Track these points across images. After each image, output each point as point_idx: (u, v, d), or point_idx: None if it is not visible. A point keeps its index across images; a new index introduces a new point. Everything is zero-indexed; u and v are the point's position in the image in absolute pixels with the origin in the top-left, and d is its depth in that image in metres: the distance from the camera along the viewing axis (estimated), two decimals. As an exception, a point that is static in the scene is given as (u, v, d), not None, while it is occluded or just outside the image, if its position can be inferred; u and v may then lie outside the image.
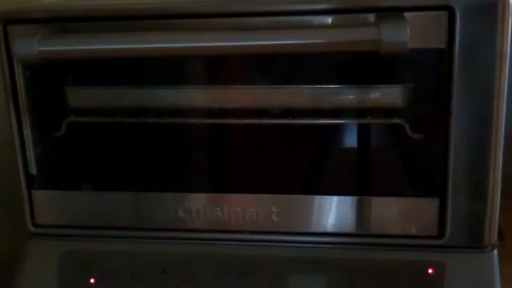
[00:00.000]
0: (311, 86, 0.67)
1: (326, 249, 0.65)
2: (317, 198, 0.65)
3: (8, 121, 0.67)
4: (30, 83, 0.66)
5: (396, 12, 0.56)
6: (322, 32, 0.57)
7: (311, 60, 0.68)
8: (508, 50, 0.57)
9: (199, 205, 0.67)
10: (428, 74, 0.62)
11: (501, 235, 0.63)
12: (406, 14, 0.56)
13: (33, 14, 0.64)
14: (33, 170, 0.69)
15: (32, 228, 0.70)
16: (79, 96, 0.71)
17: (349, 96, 0.67)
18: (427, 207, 0.63)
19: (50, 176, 0.70)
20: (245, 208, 0.66)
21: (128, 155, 0.76)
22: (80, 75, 0.73)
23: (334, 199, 0.65)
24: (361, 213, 0.65)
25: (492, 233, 0.62)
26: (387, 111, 0.65)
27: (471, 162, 0.60)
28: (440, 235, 0.63)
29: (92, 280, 0.67)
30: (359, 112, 0.67)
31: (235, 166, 0.74)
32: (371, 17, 0.57)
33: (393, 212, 0.64)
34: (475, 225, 0.62)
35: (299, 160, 0.74)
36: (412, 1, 0.58)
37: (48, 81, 0.70)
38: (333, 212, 0.65)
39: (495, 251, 0.63)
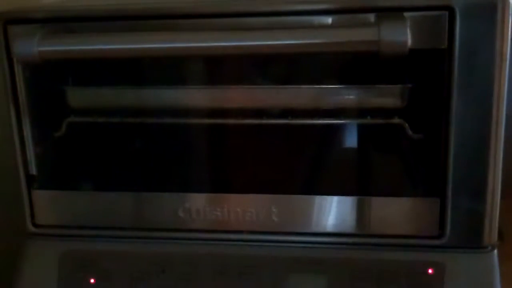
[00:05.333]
0: (311, 86, 0.67)
1: (326, 249, 0.65)
2: (317, 198, 0.65)
3: (8, 121, 0.67)
4: (30, 83, 0.66)
5: (396, 12, 0.56)
6: (322, 32, 0.57)
7: (311, 60, 0.68)
8: (508, 50, 0.57)
9: (199, 205, 0.67)
10: (428, 74, 0.62)
11: (501, 235, 0.63)
12: (406, 14, 0.56)
13: (33, 14, 0.64)
14: (33, 170, 0.69)
15: (32, 228, 0.70)
16: (79, 96, 0.71)
17: (349, 96, 0.67)
18: (427, 207, 0.63)
19: (50, 176, 0.70)
20: (245, 208, 0.66)
21: (128, 155, 0.76)
22: (80, 75, 0.73)
23: (334, 199, 0.65)
24: (361, 213, 0.65)
25: (492, 233, 0.62)
26: (387, 111, 0.65)
27: (471, 162, 0.60)
28: (440, 235, 0.63)
29: (92, 280, 0.67)
30: (359, 112, 0.67)
31: (235, 166, 0.74)
32: (371, 17, 0.57)
33: (393, 212, 0.64)
34: (475, 225, 0.62)
35: (299, 160, 0.74)
36: (412, 1, 0.58)
37: (48, 81, 0.70)
38: (333, 212, 0.65)
39: (495, 251, 0.63)
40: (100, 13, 0.63)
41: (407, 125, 0.64)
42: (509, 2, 0.56)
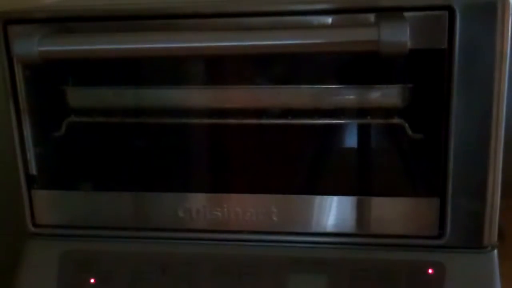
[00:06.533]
0: (311, 86, 0.67)
1: (326, 249, 0.65)
2: (317, 198, 0.65)
3: (8, 121, 0.67)
4: (30, 83, 0.66)
5: (396, 12, 0.56)
6: (322, 32, 0.57)
7: (311, 60, 0.68)
8: (508, 50, 0.57)
9: (199, 205, 0.67)
10: (428, 74, 0.62)
11: (501, 235, 0.63)
12: (406, 14, 0.56)
13: (33, 14, 0.64)
14: (33, 170, 0.69)
15: (32, 228, 0.70)
16: (79, 96, 0.71)
17: (349, 96, 0.67)
18: (427, 207, 0.63)
19: (50, 176, 0.70)
20: (245, 208, 0.66)
21: (128, 155, 0.76)
22: (80, 75, 0.73)
23: (334, 199, 0.65)
24: (361, 213, 0.65)
25: (492, 233, 0.62)
26: (387, 111, 0.65)
27: (471, 162, 0.60)
28: (440, 235, 0.63)
29: (92, 280, 0.67)
30: (359, 112, 0.67)
31: (235, 166, 0.74)
32: (371, 17, 0.57)
33: (393, 212, 0.64)
34: (475, 225, 0.62)
35: (299, 160, 0.74)
36: (412, 1, 0.58)
37: (48, 81, 0.70)
38: (333, 212, 0.65)
39: (495, 251, 0.63)
40: (100, 13, 0.63)
41: (407, 125, 0.64)
42: (509, 2, 0.56)
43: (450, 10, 0.57)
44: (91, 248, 0.68)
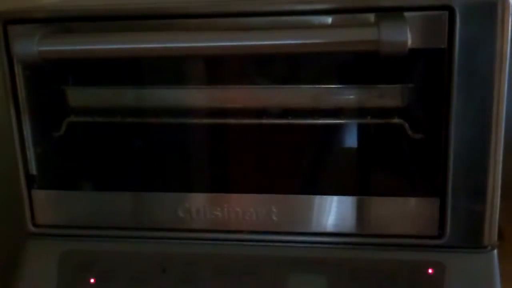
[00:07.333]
0: (311, 86, 0.68)
1: (326, 249, 0.65)
2: (317, 198, 0.65)
3: (8, 121, 0.67)
4: (30, 83, 0.66)
5: (396, 12, 0.56)
6: (322, 32, 0.57)
7: (311, 60, 0.68)
8: (508, 50, 0.57)
9: (199, 205, 0.67)
10: (428, 74, 0.62)
11: (501, 235, 0.63)
12: (406, 14, 0.56)
13: (33, 14, 0.64)
14: (33, 170, 0.69)
15: (32, 228, 0.70)
16: (79, 96, 0.71)
17: (349, 96, 0.67)
18: (427, 207, 0.63)
19: (50, 176, 0.70)
20: (245, 208, 0.66)
21: (128, 155, 0.76)
22: (80, 75, 0.73)
23: (334, 199, 0.65)
24: (361, 213, 0.65)
25: (492, 233, 0.62)
26: (387, 111, 0.65)
27: (471, 162, 0.60)
28: (440, 235, 0.63)
29: (92, 280, 0.67)
30: (359, 112, 0.67)
31: (235, 166, 0.74)
32: (371, 17, 0.57)
33: (393, 212, 0.64)
34: (475, 225, 0.62)
35: (299, 160, 0.74)
36: (412, 1, 0.58)
37: (48, 81, 0.70)
38: (333, 212, 0.65)
39: (495, 251, 0.63)
40: (100, 13, 0.63)
41: (407, 125, 0.64)
42: (509, 2, 0.56)
43: (450, 10, 0.57)
44: (91, 248, 0.68)
